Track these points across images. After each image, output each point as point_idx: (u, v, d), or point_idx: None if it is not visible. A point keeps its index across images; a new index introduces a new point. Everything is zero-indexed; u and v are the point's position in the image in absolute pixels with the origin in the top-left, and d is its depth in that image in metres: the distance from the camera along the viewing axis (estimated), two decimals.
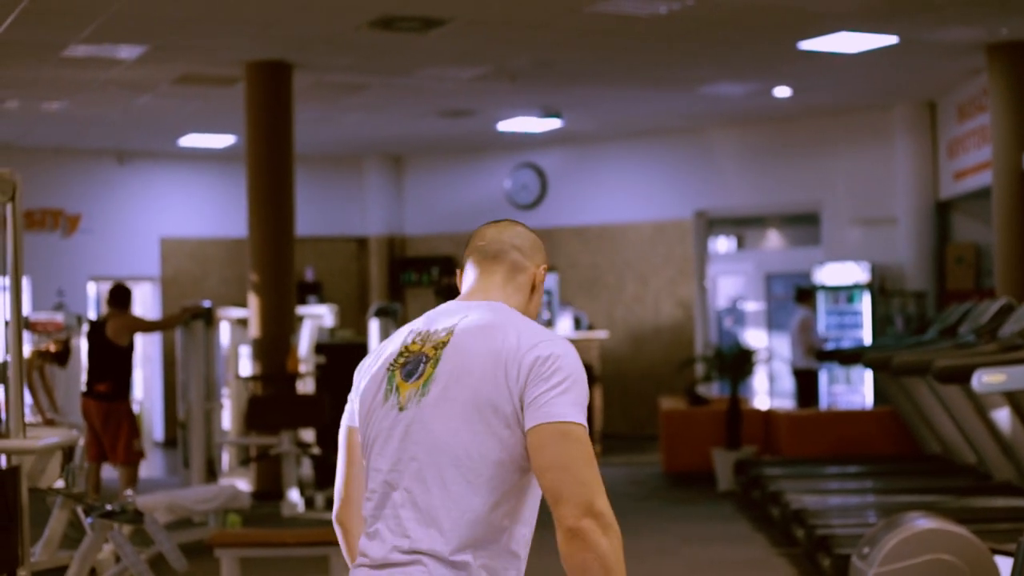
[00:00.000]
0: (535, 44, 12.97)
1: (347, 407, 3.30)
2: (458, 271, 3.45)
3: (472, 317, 3.17)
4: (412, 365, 3.14)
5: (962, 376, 8.54)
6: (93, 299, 19.48)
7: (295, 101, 13.95)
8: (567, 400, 2.98)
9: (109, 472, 12.78)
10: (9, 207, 9.22)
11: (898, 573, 6.67)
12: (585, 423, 3.00)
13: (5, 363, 9.13)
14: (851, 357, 14.02)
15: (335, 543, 8.81)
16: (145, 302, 19.48)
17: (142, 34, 12.15)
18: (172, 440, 18.69)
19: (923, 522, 6.88)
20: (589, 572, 2.89)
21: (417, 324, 3.25)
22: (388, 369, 3.18)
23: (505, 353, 3.04)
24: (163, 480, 14.92)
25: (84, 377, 12.37)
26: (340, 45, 12.79)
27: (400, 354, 3.19)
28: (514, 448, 3.01)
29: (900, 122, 17.22)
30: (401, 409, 3.10)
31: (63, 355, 12.97)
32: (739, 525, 11.60)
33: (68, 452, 10.14)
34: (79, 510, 9.35)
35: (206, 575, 9.17)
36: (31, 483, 9.37)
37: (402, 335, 3.24)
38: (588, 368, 17.50)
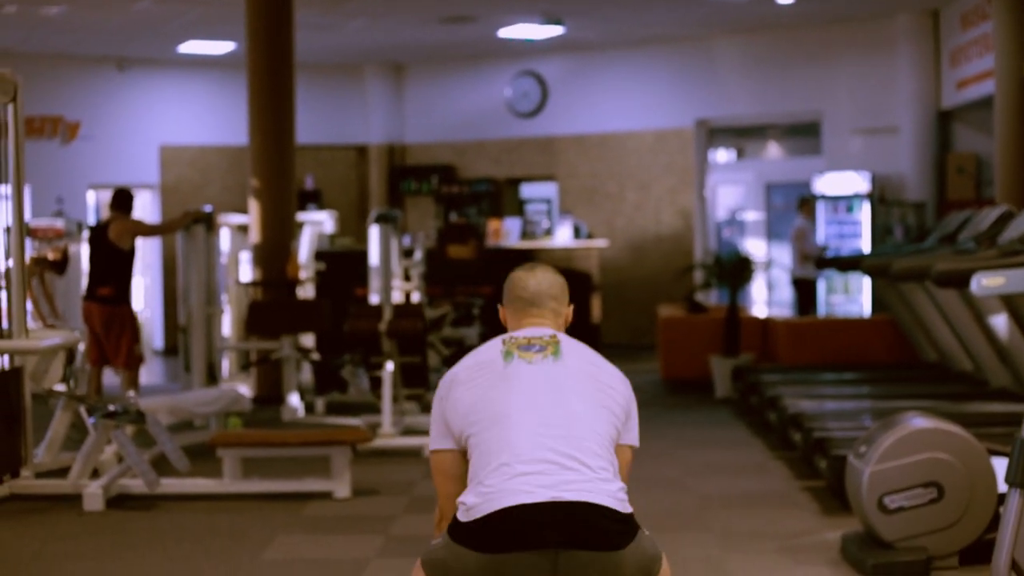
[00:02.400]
0: None
1: (434, 431, 4.06)
2: (500, 308, 4.25)
3: (563, 338, 4.14)
4: (530, 347, 4.04)
5: (961, 280, 8.56)
6: (92, 207, 19.49)
7: (295, 6, 13.88)
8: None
9: (110, 377, 12.85)
10: (10, 108, 9.23)
11: (894, 471, 6.74)
12: None
13: (7, 269, 9.18)
14: (850, 264, 14.05)
15: (337, 443, 8.94)
16: (145, 210, 19.47)
17: None
18: (172, 348, 18.78)
19: (919, 421, 6.94)
20: None
21: (507, 336, 4.14)
22: (503, 355, 4.04)
23: (614, 380, 4.11)
24: (163, 387, 15.01)
25: (85, 281, 12.41)
26: None
27: (505, 351, 4.06)
28: None
29: (902, 31, 17.15)
30: (531, 363, 4.02)
31: (62, 264, 12.99)
32: (736, 430, 11.69)
33: (70, 355, 10.22)
34: (82, 411, 9.43)
35: (208, 476, 9.24)
36: (34, 385, 9.46)
37: (496, 346, 4.10)
38: (587, 277, 17.65)
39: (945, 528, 6.74)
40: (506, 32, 17.81)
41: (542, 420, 3.86)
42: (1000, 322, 9.90)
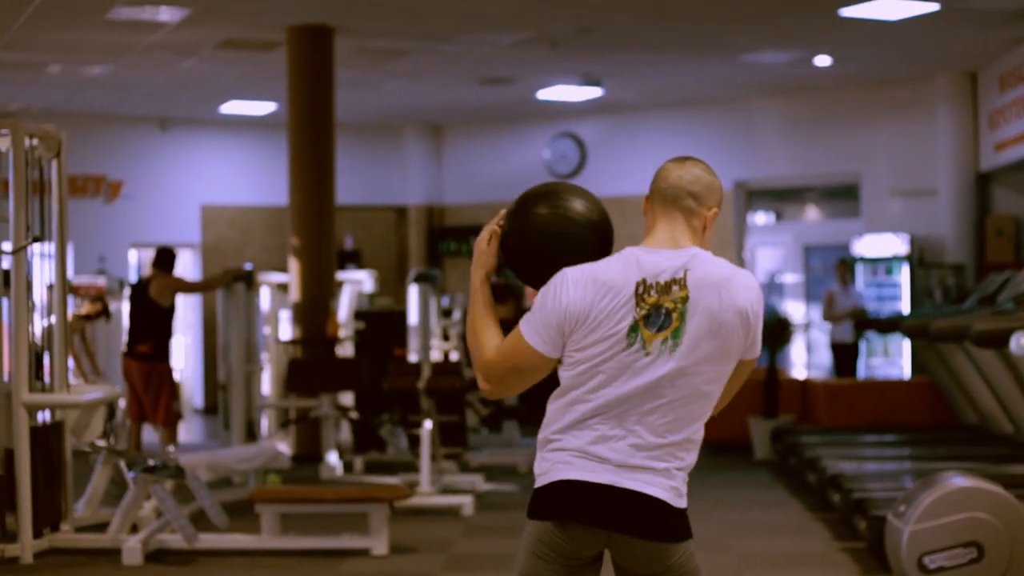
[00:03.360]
0: (576, 9, 12.99)
1: (535, 324, 3.69)
2: (645, 201, 3.84)
3: (695, 271, 3.65)
4: (655, 316, 3.60)
5: (1000, 339, 8.57)
6: (134, 266, 19.64)
7: (336, 67, 14.02)
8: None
9: (149, 434, 12.91)
10: (54, 165, 9.36)
11: (934, 530, 6.72)
12: None
13: (50, 325, 9.27)
14: (889, 325, 14.02)
15: (374, 500, 8.94)
16: (186, 269, 19.60)
17: None
18: (211, 407, 18.84)
19: (959, 480, 6.92)
20: None
21: (631, 271, 3.64)
22: (632, 316, 3.60)
23: (745, 307, 3.66)
24: (202, 444, 15.05)
25: (125, 338, 12.50)
26: (382, 9, 12.84)
27: (638, 304, 3.61)
28: None
29: (941, 92, 17.16)
30: (647, 355, 3.58)
31: (100, 312, 13.10)
32: (775, 491, 11.64)
33: (110, 410, 10.28)
34: (122, 465, 9.48)
35: (246, 532, 9.26)
36: (75, 439, 9.52)
37: (630, 282, 3.63)
38: None
39: None
40: (544, 94, 17.92)
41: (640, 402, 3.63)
42: None
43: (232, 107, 18.52)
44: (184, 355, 19.40)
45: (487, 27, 13.72)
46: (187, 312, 19.38)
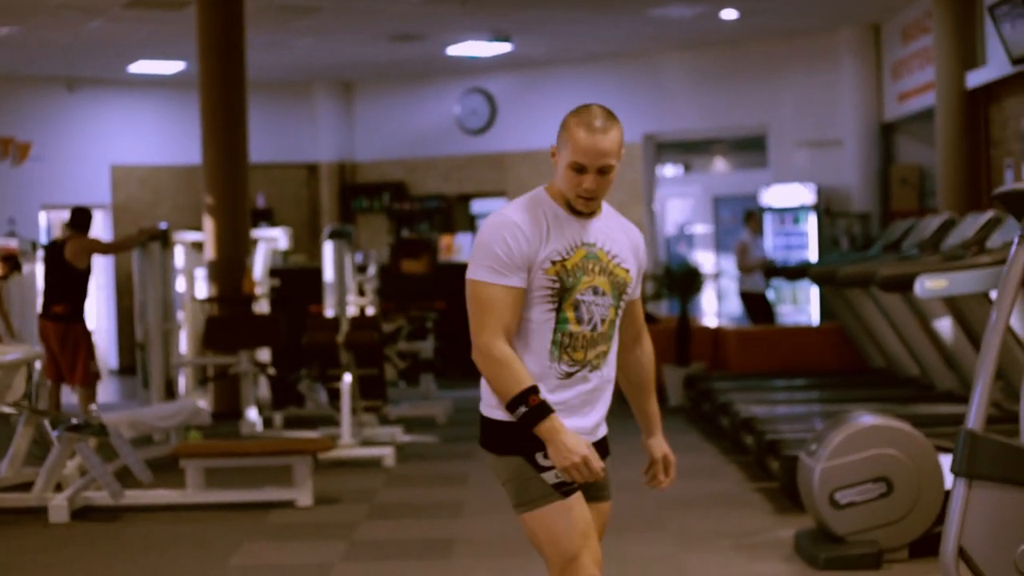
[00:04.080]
0: None
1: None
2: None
3: None
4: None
5: (905, 284, 8.81)
6: (44, 227, 19.51)
7: (247, 24, 14.02)
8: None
9: (67, 396, 12.91)
10: None
11: (845, 467, 6.95)
12: (481, 279, 4.05)
13: None
14: (797, 273, 14.33)
15: (298, 452, 9.07)
16: (97, 230, 19.49)
17: None
18: (126, 367, 18.81)
19: (868, 419, 7.16)
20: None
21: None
22: None
23: None
24: (120, 404, 15.05)
25: (40, 299, 12.48)
26: None
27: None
28: None
29: (845, 44, 17.46)
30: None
31: (12, 269, 13.03)
32: (690, 436, 11.89)
33: (29, 371, 10.30)
34: (46, 424, 9.52)
35: (170, 487, 9.36)
36: None
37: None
38: None
39: (895, 522, 6.96)
40: (454, 50, 17.99)
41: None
42: (944, 326, 10.14)
43: (140, 67, 18.41)
44: (98, 316, 19.32)
45: None
46: (100, 273, 19.29)
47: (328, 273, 13.75)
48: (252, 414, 12.84)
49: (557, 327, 4.08)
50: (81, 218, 12.11)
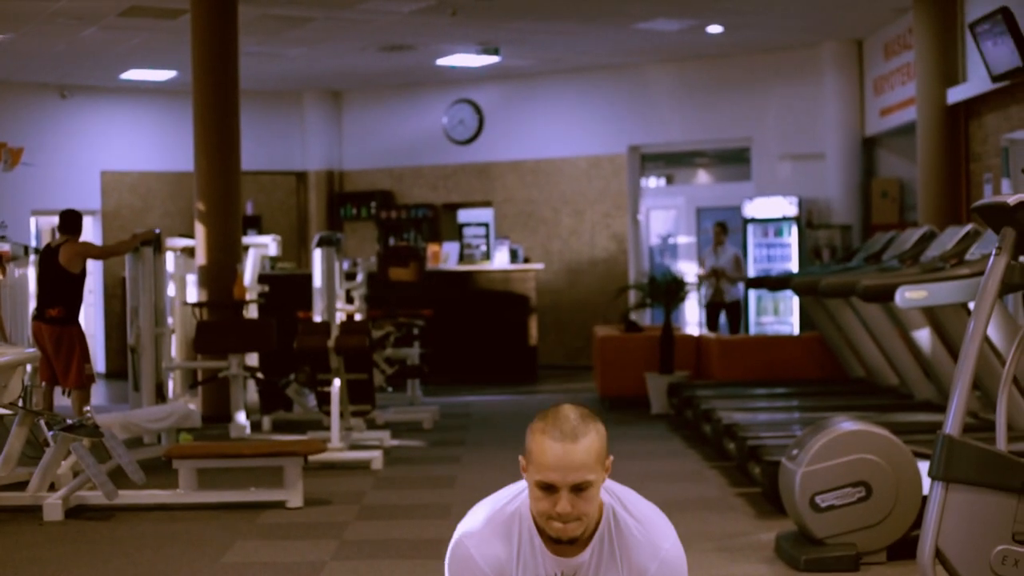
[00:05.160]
0: None
1: None
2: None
3: None
4: None
5: (885, 294, 8.99)
6: (34, 232, 19.63)
7: (240, 34, 14.19)
8: None
9: (59, 399, 13.03)
10: None
11: (825, 472, 7.12)
12: None
13: None
14: (779, 283, 14.51)
15: (289, 454, 9.22)
16: (87, 235, 19.58)
17: None
18: (115, 371, 18.93)
19: (848, 425, 7.34)
20: None
21: None
22: None
23: None
24: (110, 408, 15.17)
25: (34, 302, 12.61)
26: None
27: None
28: None
29: (828, 60, 17.69)
30: None
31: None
32: (673, 442, 12.07)
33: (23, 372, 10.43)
34: (41, 425, 9.66)
35: (163, 488, 9.51)
36: None
37: None
38: (524, 299, 18.03)
39: (873, 525, 7.13)
40: (443, 61, 18.18)
41: None
42: (923, 336, 10.34)
43: (132, 74, 18.57)
44: (88, 320, 19.43)
45: None
46: (89, 278, 19.38)
47: (317, 280, 13.90)
48: (241, 417, 12.99)
49: None
50: (73, 221, 12.24)
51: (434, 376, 15.72)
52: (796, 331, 17.21)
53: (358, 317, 15.03)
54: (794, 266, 17.18)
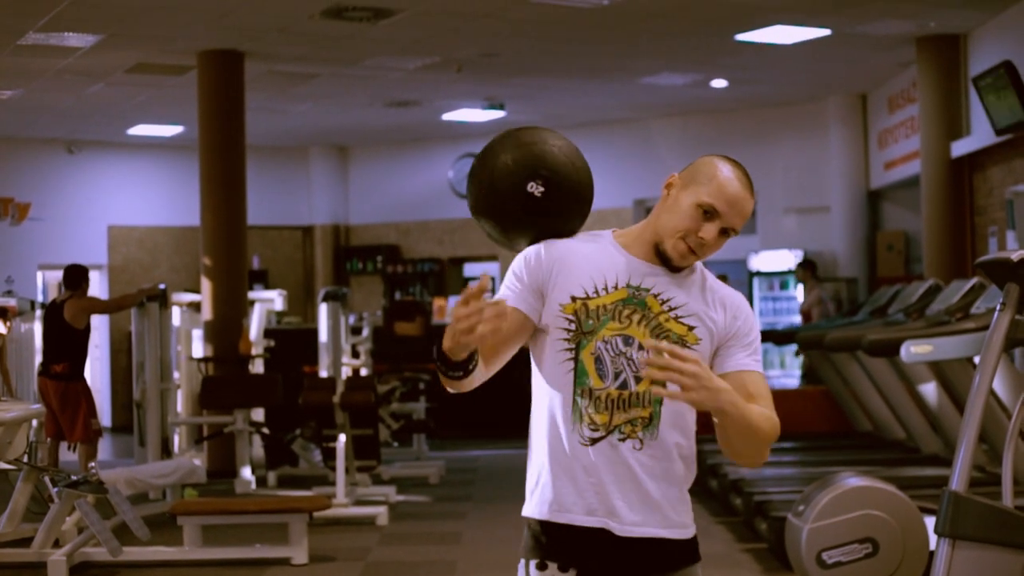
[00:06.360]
0: (481, 34, 13.34)
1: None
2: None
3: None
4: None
5: (891, 348, 8.99)
6: (41, 287, 19.68)
7: (246, 90, 14.27)
8: None
9: (64, 454, 13.02)
10: None
11: (832, 528, 7.10)
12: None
13: None
14: (785, 337, 14.50)
15: (294, 510, 9.20)
16: (93, 290, 19.64)
17: (98, 23, 12.42)
18: (121, 426, 18.93)
19: (855, 480, 7.33)
20: None
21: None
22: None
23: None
24: (115, 462, 15.15)
25: (39, 358, 12.63)
26: (292, 34, 13.12)
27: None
28: None
29: (833, 114, 17.75)
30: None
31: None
32: None
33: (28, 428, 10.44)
34: (46, 481, 9.65)
35: (168, 544, 9.49)
36: None
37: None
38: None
39: None
40: (449, 116, 18.27)
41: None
42: (929, 390, 10.32)
43: (139, 129, 18.67)
44: (93, 374, 19.44)
45: (394, 52, 14.03)
46: (95, 333, 19.44)
47: (323, 334, 13.92)
48: (246, 473, 12.97)
49: (576, 380, 3.27)
50: (75, 276, 12.27)
51: (440, 431, 15.70)
52: (801, 385, 17.17)
53: (364, 372, 15.04)
54: (799, 320, 17.17)
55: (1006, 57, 12.37)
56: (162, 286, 13.40)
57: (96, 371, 19.75)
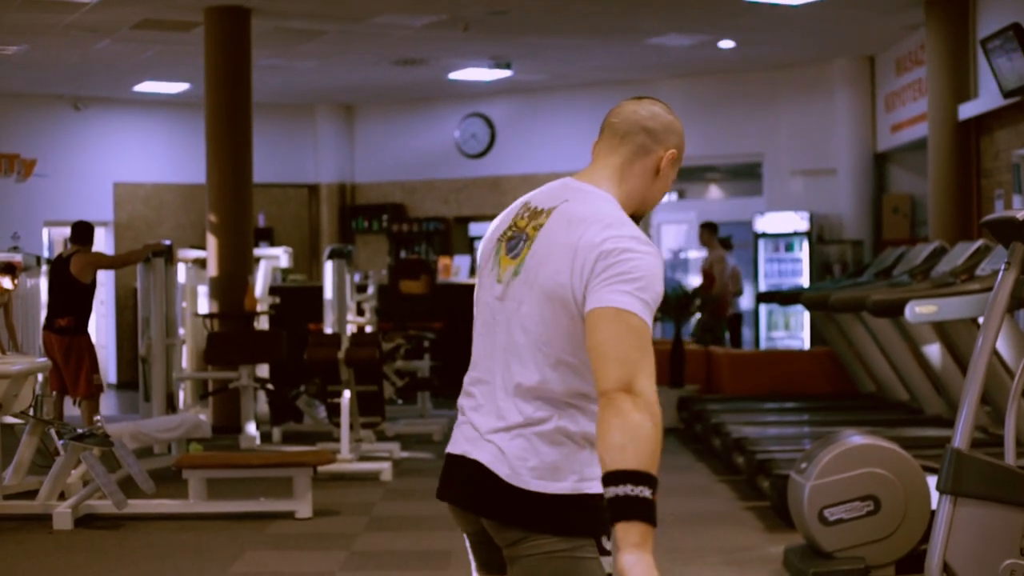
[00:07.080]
0: None
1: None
2: (594, 145, 3.37)
3: (572, 203, 3.17)
4: (514, 241, 3.20)
5: (896, 309, 9.00)
6: (47, 243, 19.70)
7: (253, 47, 14.24)
8: (626, 289, 2.97)
9: (69, 409, 13.07)
10: None
11: (834, 485, 7.13)
12: (646, 318, 2.97)
13: None
14: (790, 297, 14.52)
15: (299, 464, 9.24)
16: (99, 246, 19.66)
17: None
18: (126, 382, 18.98)
19: (857, 438, 7.35)
20: (609, 435, 2.85)
21: (531, 197, 3.28)
22: (497, 240, 3.26)
23: (582, 247, 3.04)
24: (120, 418, 15.21)
25: (45, 312, 12.66)
26: None
27: (509, 227, 3.25)
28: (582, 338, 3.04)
29: (840, 76, 17.70)
30: (499, 282, 3.19)
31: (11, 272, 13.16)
32: (682, 456, 12.08)
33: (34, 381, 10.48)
34: (52, 434, 9.70)
35: (173, 497, 9.54)
36: (5, 409, 9.73)
37: (517, 206, 3.29)
38: None
39: (882, 539, 7.14)
40: (455, 75, 18.23)
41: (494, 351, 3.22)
42: (933, 351, 10.34)
43: (145, 86, 18.65)
44: (99, 330, 19.48)
45: (401, 9, 14.00)
46: (101, 289, 19.45)
47: (328, 292, 13.93)
48: (251, 428, 13.03)
49: None
50: (83, 232, 12.31)
51: (444, 389, 15.71)
52: (806, 345, 17.21)
53: (369, 329, 15.06)
54: (805, 281, 17.18)
55: (1015, 19, 12.32)
56: (167, 242, 13.42)
57: (102, 327, 19.80)
